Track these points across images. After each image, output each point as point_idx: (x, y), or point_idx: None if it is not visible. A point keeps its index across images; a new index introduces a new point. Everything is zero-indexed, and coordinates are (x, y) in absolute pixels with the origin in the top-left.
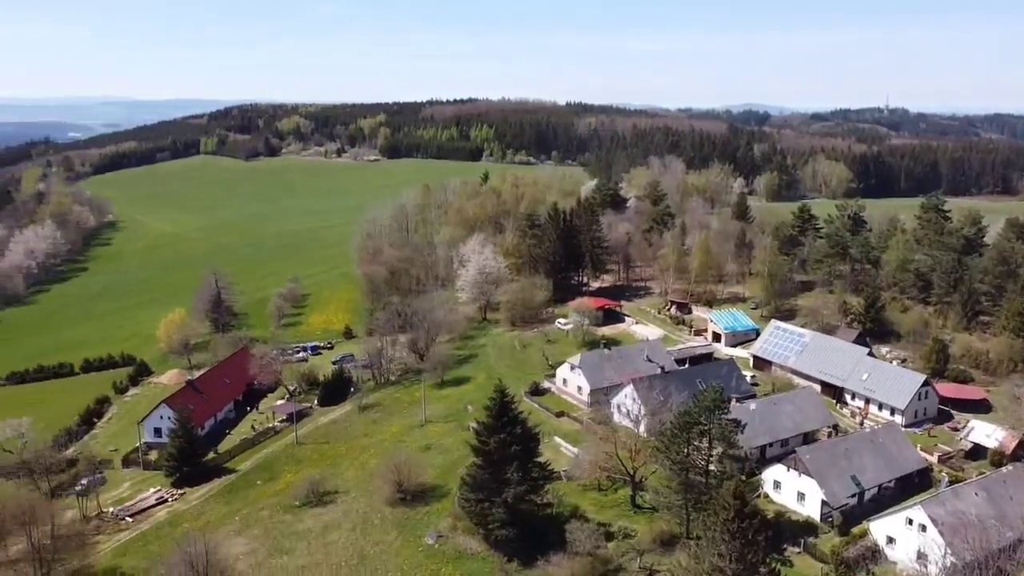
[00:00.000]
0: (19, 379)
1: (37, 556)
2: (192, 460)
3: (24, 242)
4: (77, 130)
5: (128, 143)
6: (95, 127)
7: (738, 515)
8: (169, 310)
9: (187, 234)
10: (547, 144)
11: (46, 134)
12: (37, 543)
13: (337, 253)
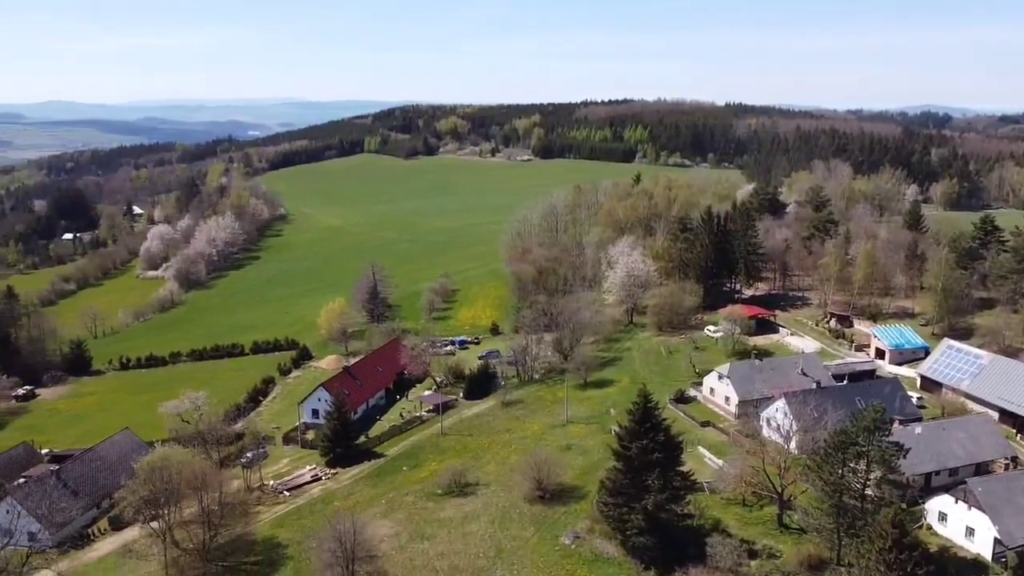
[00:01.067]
0: (198, 356)
1: (206, 519)
2: (345, 442)
3: (207, 231)
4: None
5: (300, 142)
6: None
7: (896, 545)
8: (330, 299)
9: (350, 228)
10: (703, 146)
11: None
12: (207, 508)
13: (487, 250)
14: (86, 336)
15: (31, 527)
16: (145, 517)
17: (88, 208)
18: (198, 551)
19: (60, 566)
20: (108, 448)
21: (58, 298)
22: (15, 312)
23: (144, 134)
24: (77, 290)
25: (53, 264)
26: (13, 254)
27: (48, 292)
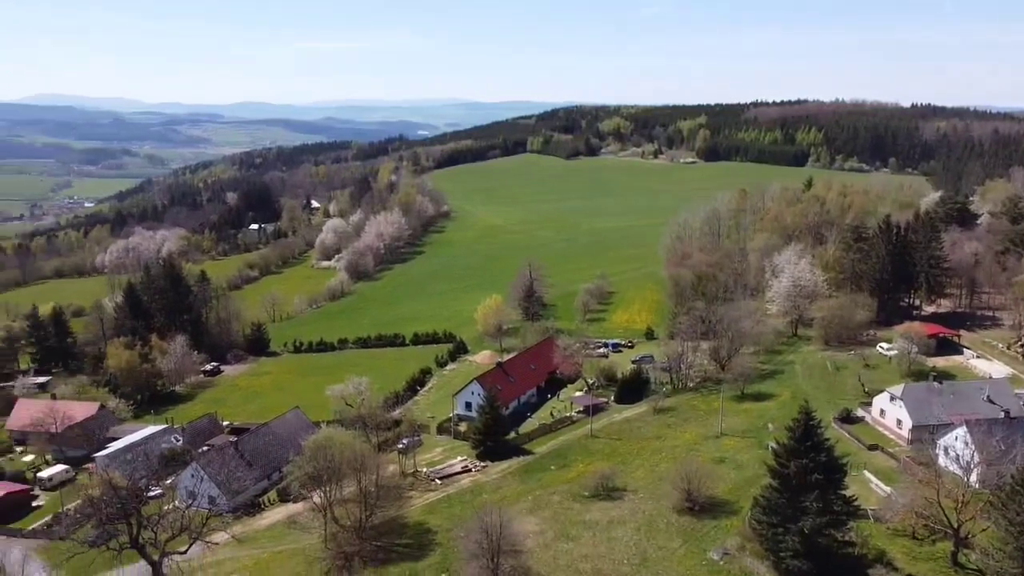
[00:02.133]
0: (363, 343)
1: (363, 499)
2: (495, 436)
3: (376, 226)
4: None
5: (465, 141)
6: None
7: None
8: (488, 296)
9: (509, 226)
10: (883, 150)
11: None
12: (364, 488)
13: (645, 253)
14: (266, 320)
15: (211, 492)
16: (309, 492)
17: (272, 201)
18: (355, 528)
19: (234, 530)
20: (280, 425)
21: (243, 283)
22: (207, 295)
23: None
24: (260, 277)
25: (240, 252)
26: (208, 241)
27: (235, 277)
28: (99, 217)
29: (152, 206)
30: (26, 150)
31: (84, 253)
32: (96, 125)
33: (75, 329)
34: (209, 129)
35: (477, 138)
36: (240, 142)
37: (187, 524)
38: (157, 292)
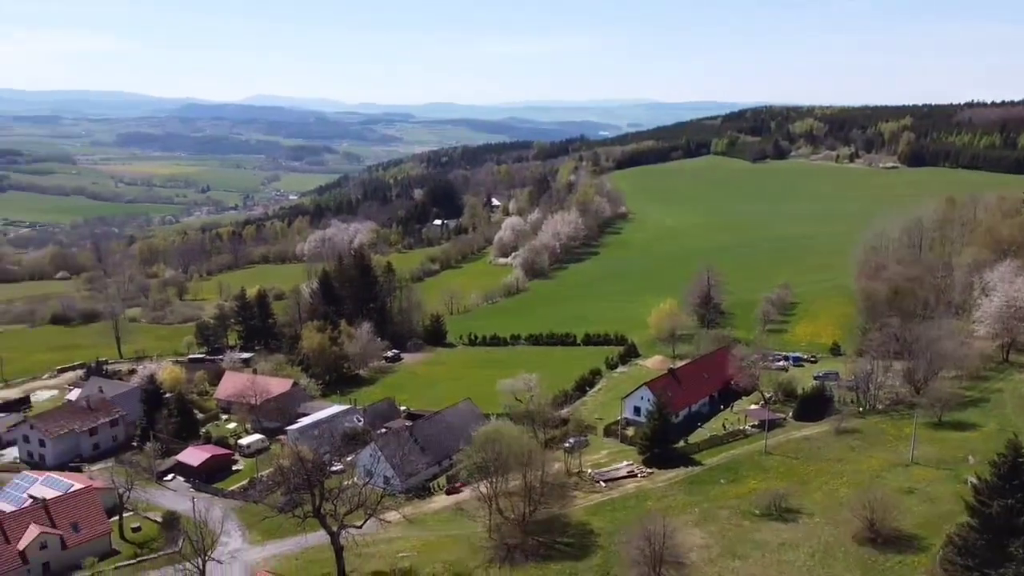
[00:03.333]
0: (535, 340)
1: (528, 494)
2: (663, 444)
3: (553, 225)
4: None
5: (647, 142)
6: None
7: None
8: (661, 299)
9: (687, 230)
10: None
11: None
12: (529, 483)
13: (834, 263)
14: (444, 312)
15: (387, 472)
16: (476, 481)
17: (455, 198)
18: (518, 522)
19: (405, 510)
20: (452, 414)
21: (425, 276)
22: (392, 285)
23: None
24: (440, 270)
25: (424, 246)
26: (395, 235)
27: (418, 270)
28: (301, 209)
29: (347, 200)
30: (243, 146)
31: (287, 242)
32: (303, 124)
33: (276, 311)
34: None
35: (659, 139)
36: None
37: (363, 500)
38: (348, 281)
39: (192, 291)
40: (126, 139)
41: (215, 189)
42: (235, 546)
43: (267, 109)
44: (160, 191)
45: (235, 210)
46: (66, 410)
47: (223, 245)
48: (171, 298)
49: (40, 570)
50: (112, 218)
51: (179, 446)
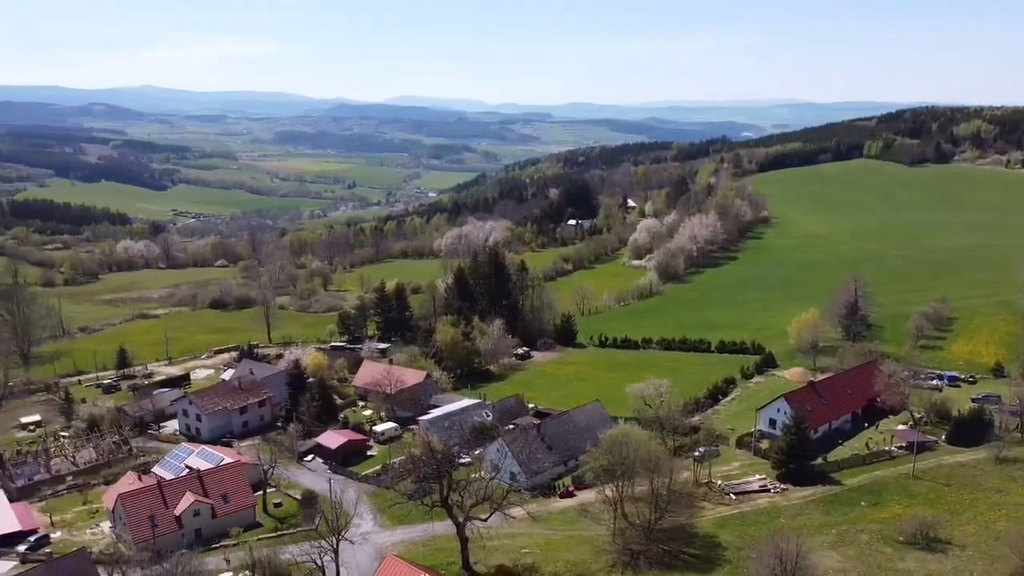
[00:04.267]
0: (666, 345)
1: (654, 500)
2: (800, 459)
3: (690, 228)
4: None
5: (793, 144)
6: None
7: None
8: (803, 309)
9: (834, 236)
10: None
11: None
12: (656, 490)
13: (1000, 278)
14: (575, 312)
15: (513, 468)
16: (602, 484)
17: (591, 198)
18: (643, 528)
19: (529, 507)
20: (580, 415)
21: (557, 276)
22: (525, 284)
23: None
24: (573, 270)
25: (557, 245)
26: (529, 234)
27: (550, 270)
28: (439, 206)
29: (484, 198)
30: (387, 145)
31: (425, 238)
32: (444, 124)
33: (412, 304)
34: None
35: (806, 140)
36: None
37: (489, 494)
38: (482, 278)
39: (336, 282)
40: (283, 137)
41: (361, 185)
42: (367, 528)
43: (412, 109)
44: (311, 186)
45: (378, 206)
46: (220, 389)
47: (366, 239)
48: (317, 288)
49: (193, 535)
50: (267, 211)
51: (319, 429)
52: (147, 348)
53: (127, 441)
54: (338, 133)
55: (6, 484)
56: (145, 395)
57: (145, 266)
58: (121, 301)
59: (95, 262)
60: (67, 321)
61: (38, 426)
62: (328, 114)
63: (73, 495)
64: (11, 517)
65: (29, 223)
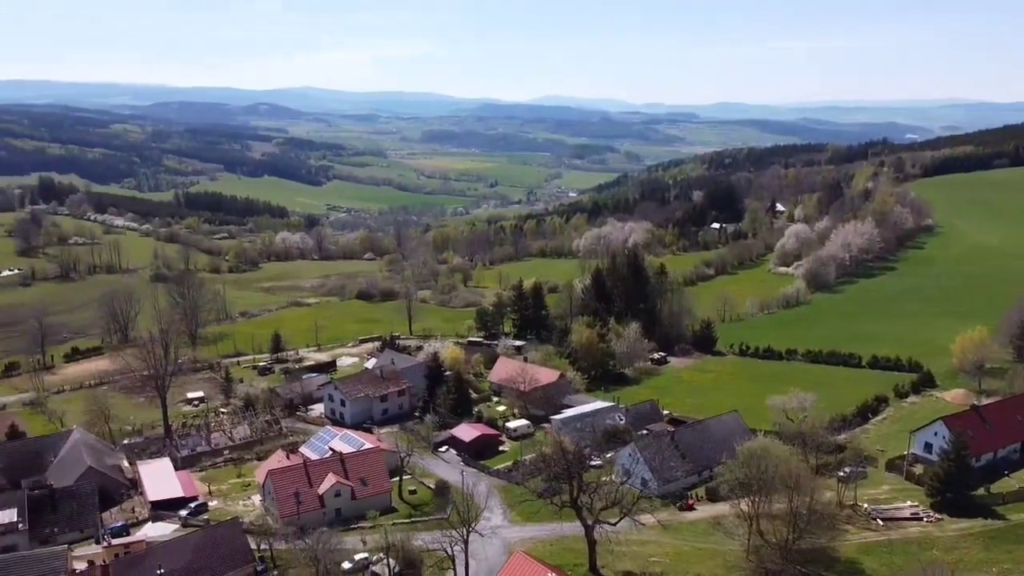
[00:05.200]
0: (813, 358)
1: (793, 520)
2: (959, 489)
3: (843, 235)
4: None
5: (964, 147)
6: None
7: None
8: (969, 326)
9: (1008, 249)
10: None
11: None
12: (795, 508)
13: None
14: (715, 318)
15: (645, 474)
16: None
17: (736, 202)
18: (780, 547)
19: (660, 515)
20: (716, 424)
21: (698, 280)
22: (664, 287)
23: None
24: (714, 275)
25: (699, 249)
26: (670, 236)
27: (691, 274)
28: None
29: (625, 199)
30: (530, 144)
31: (564, 237)
32: (587, 123)
33: (549, 303)
34: (685, 128)
35: (979, 144)
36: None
37: (619, 499)
38: (620, 279)
39: (475, 278)
40: (430, 136)
41: (502, 184)
42: (496, 522)
43: (555, 109)
44: (455, 184)
45: (519, 204)
46: (363, 377)
47: (506, 237)
48: (457, 284)
49: (333, 514)
50: (413, 207)
51: (454, 421)
52: (299, 334)
53: (278, 421)
54: (483, 132)
55: (172, 453)
56: (295, 379)
57: (300, 257)
58: (277, 289)
59: (256, 252)
60: (230, 306)
61: (201, 402)
62: (474, 114)
63: (228, 468)
64: (176, 484)
65: (200, 214)
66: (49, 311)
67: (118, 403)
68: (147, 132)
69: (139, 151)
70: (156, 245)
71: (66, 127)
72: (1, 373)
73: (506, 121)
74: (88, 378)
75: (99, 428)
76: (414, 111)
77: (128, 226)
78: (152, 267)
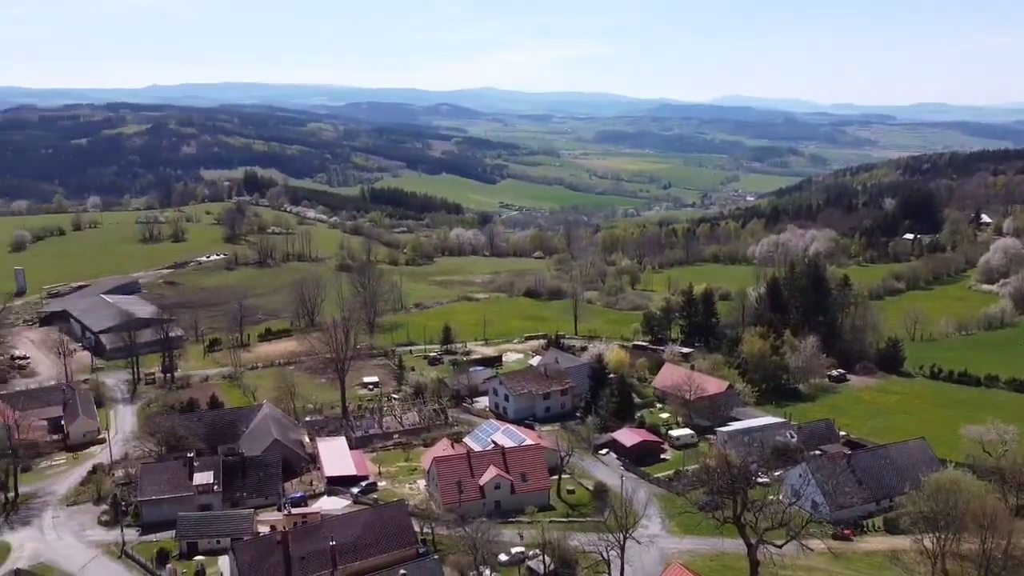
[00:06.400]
0: (1017, 386)
1: (985, 562)
2: None
3: None
4: None
5: None
6: None
7: None
8: None
9: None
10: None
11: None
12: (988, 551)
13: None
14: (903, 337)
15: (816, 497)
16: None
17: (934, 211)
18: None
19: (831, 543)
20: (899, 451)
21: (885, 295)
22: (847, 300)
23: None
24: (905, 290)
25: (888, 261)
26: (856, 246)
27: (878, 287)
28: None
29: (807, 205)
30: (707, 145)
31: (738, 243)
32: (769, 125)
33: (719, 311)
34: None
35: None
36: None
37: (787, 520)
38: (798, 290)
39: (643, 281)
40: (603, 136)
41: (676, 186)
42: (654, 531)
43: (735, 109)
44: (626, 185)
45: (692, 207)
46: (527, 373)
47: (677, 241)
48: (624, 286)
49: (492, 506)
50: (583, 207)
51: (615, 425)
52: (468, 328)
53: (445, 411)
54: (658, 133)
55: (348, 433)
56: (463, 371)
57: (472, 252)
58: (450, 283)
59: (432, 246)
60: (405, 297)
61: (376, 386)
62: (649, 114)
63: (397, 451)
64: (350, 462)
65: (383, 208)
66: (248, 294)
67: (302, 382)
68: (339, 131)
69: (331, 148)
70: (342, 237)
71: (270, 125)
72: (206, 348)
73: (683, 122)
74: (278, 357)
75: (285, 404)
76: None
77: (318, 218)
78: (338, 257)
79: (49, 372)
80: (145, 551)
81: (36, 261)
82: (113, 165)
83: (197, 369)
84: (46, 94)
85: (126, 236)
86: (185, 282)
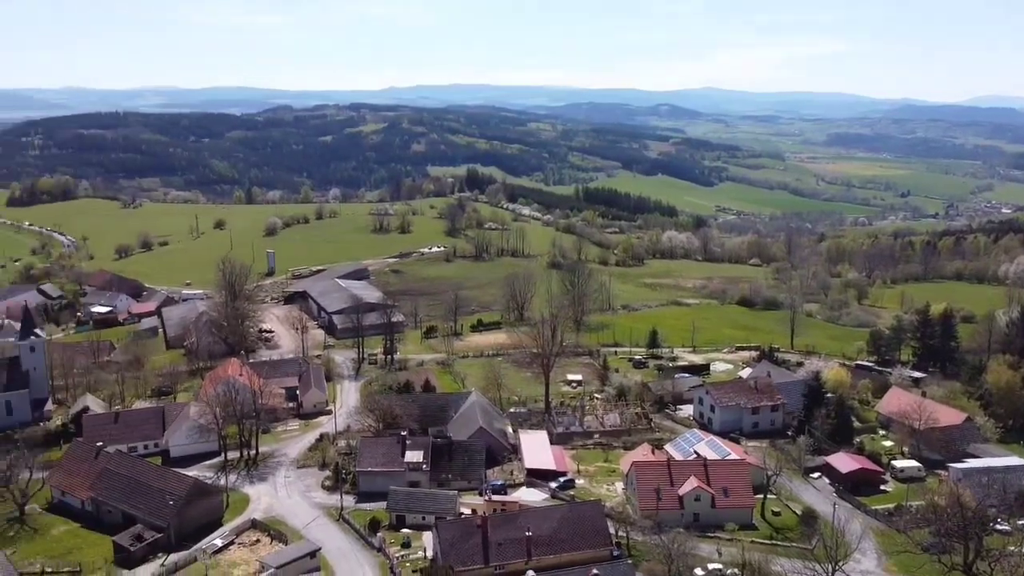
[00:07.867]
0: None
1: None
2: None
3: None
4: None
5: None
6: None
7: None
8: None
9: None
10: None
11: None
12: None
13: None
14: None
15: None
16: None
17: None
18: None
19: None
20: None
21: None
22: None
23: None
24: None
25: None
26: None
27: None
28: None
29: None
30: (957, 150)
31: (988, 260)
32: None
33: (961, 335)
34: None
35: None
36: None
37: None
38: None
39: (872, 297)
40: (834, 139)
41: (916, 194)
42: (867, 567)
43: (994, 111)
44: (857, 192)
45: (934, 218)
46: (736, 385)
47: (913, 254)
48: (850, 300)
49: (691, 518)
50: (807, 214)
51: (830, 448)
52: (675, 333)
53: (647, 415)
54: (898, 136)
55: (549, 428)
56: (668, 376)
57: (684, 256)
58: (659, 286)
59: (643, 248)
60: (613, 298)
61: (579, 384)
62: (889, 115)
63: (596, 451)
64: (550, 456)
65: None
66: (463, 286)
67: (509, 374)
68: (557, 131)
69: (549, 148)
70: (554, 235)
71: (492, 125)
72: (423, 334)
73: (928, 124)
74: (487, 348)
75: (492, 394)
76: (820, 112)
77: (532, 215)
78: (549, 255)
79: (289, 346)
80: (360, 517)
81: (284, 245)
82: (352, 160)
83: (414, 354)
84: (300, 95)
85: (359, 226)
86: (408, 271)
